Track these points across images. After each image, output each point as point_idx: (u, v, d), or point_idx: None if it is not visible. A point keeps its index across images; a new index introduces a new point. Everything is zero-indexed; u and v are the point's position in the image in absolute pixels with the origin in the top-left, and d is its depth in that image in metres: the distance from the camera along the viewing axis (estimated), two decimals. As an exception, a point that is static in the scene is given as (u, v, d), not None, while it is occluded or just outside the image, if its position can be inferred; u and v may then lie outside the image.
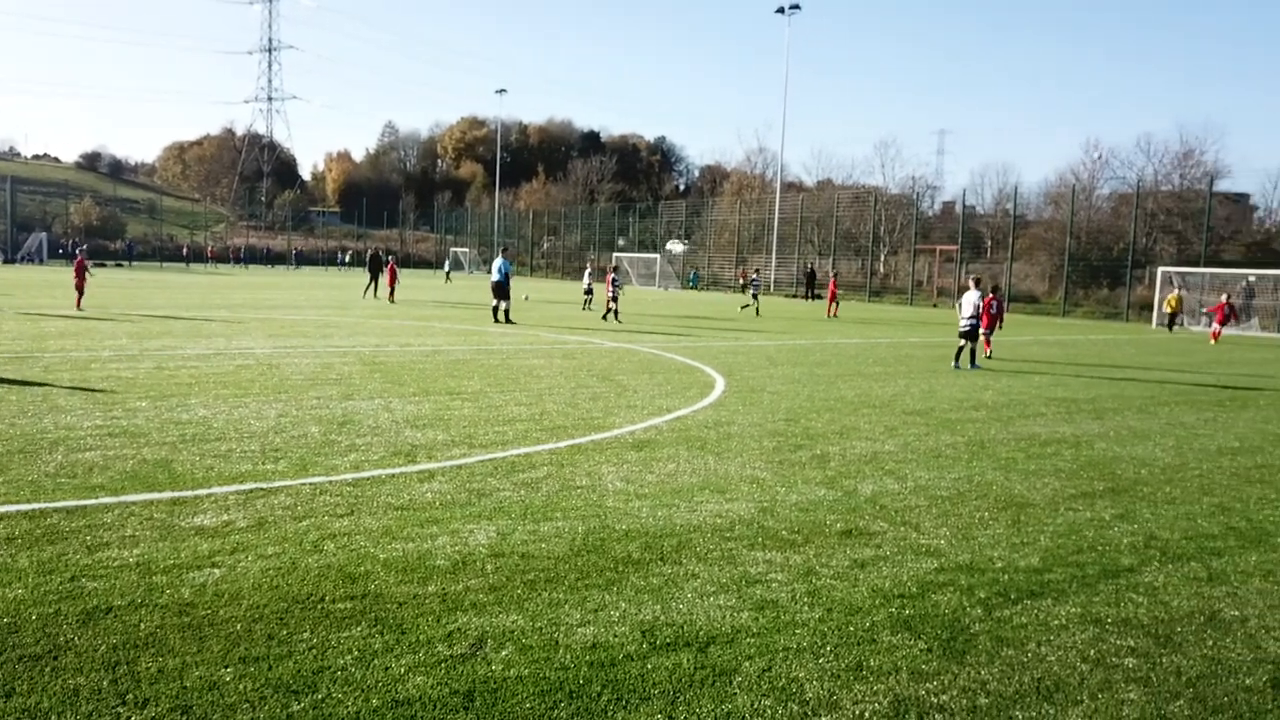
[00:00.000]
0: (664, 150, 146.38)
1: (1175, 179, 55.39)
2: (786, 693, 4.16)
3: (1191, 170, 54.70)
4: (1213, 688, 4.39)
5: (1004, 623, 5.07)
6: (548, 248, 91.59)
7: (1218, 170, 54.06)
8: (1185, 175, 54.92)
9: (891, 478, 8.40)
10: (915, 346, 23.38)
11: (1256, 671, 4.58)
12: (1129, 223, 46.85)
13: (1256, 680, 4.49)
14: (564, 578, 5.47)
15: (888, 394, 13.96)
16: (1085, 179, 58.92)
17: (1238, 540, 6.84)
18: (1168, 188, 54.61)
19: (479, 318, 27.49)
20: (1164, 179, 55.64)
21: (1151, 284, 40.71)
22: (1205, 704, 4.22)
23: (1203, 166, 54.13)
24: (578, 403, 11.93)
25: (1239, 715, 4.12)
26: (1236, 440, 11.03)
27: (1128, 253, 44.87)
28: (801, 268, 61.11)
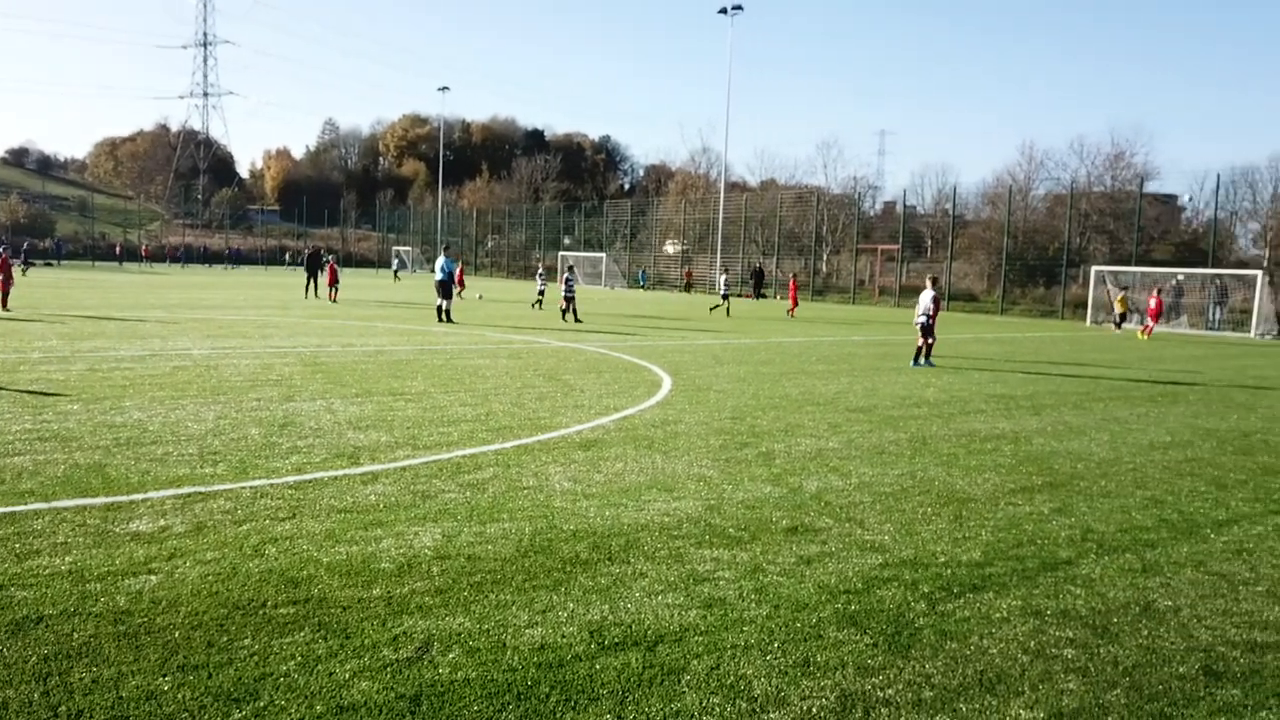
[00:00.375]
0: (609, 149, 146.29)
1: (1107, 180, 56.85)
2: (735, 690, 4.17)
3: (1123, 172, 56.21)
4: (1148, 676, 4.50)
5: (947, 616, 5.15)
6: (492, 246, 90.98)
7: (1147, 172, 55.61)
8: (1117, 176, 56.40)
9: (836, 474, 8.49)
10: (858, 345, 23.66)
11: (1189, 660, 4.71)
12: (1063, 223, 47.96)
13: (1189, 668, 4.61)
14: (511, 579, 5.43)
15: (831, 391, 14.10)
16: (1022, 180, 60.20)
17: (1170, 532, 7.03)
18: (1100, 189, 56.00)
19: (423, 317, 27.21)
20: (1096, 180, 57.07)
21: (1086, 282, 41.69)
22: (1141, 692, 4.32)
23: (1133, 168, 55.65)
24: (524, 403, 11.87)
25: (1173, 703, 4.23)
26: (1168, 435, 11.35)
27: (1063, 252, 45.91)
28: (746, 267, 61.54)
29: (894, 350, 22.10)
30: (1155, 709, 4.15)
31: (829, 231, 62.84)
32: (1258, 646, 4.90)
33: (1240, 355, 25.12)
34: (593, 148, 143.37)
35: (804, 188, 71.42)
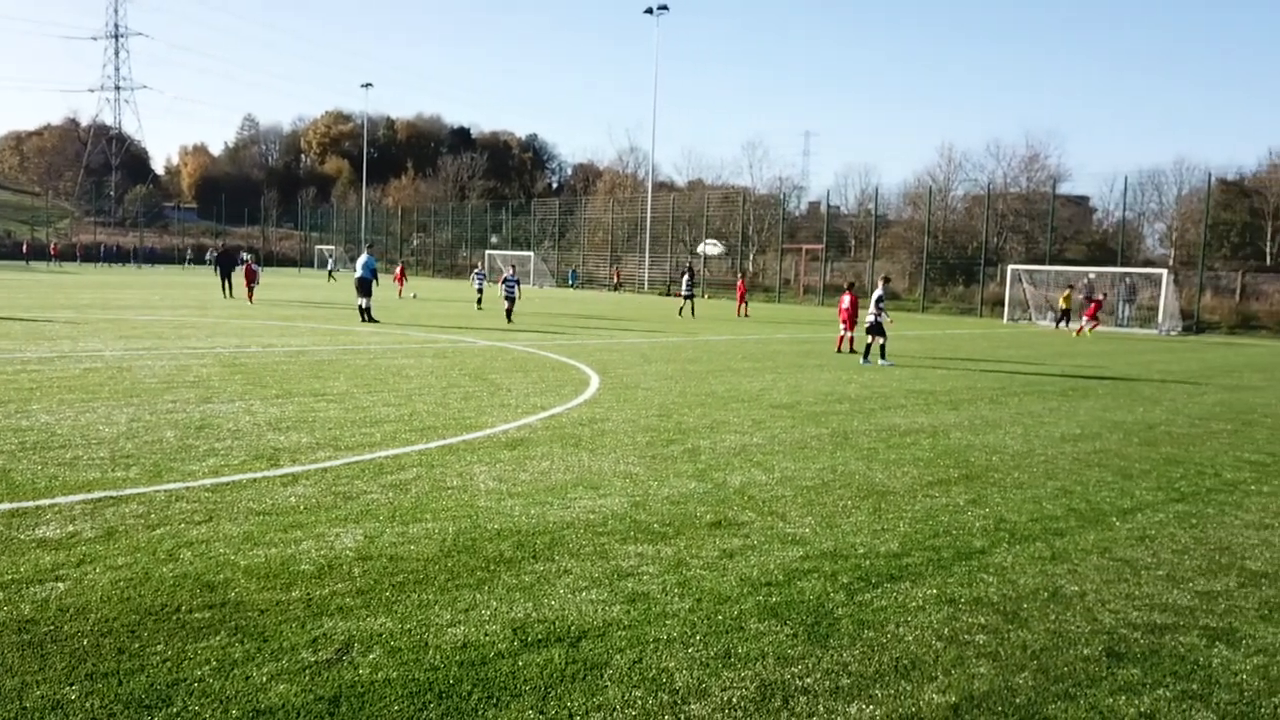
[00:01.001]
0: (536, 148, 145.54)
1: (1023, 182, 58.48)
2: (657, 683, 4.21)
3: (1037, 173, 57.91)
4: (1054, 659, 4.66)
5: (865, 606, 5.27)
6: (418, 245, 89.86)
7: (1060, 174, 57.48)
8: (1031, 178, 58.07)
9: (759, 469, 8.60)
10: (782, 343, 23.97)
11: (1093, 642, 4.89)
12: (981, 223, 49.24)
13: (1093, 650, 4.79)
14: (434, 579, 5.39)
15: (756, 388, 14.27)
16: (941, 181, 61.58)
17: (1078, 521, 7.28)
18: (1016, 190, 57.59)
19: (346, 317, 26.76)
20: (1012, 181, 58.67)
21: (1003, 281, 42.84)
22: (1048, 674, 4.48)
23: (1047, 170, 57.41)
24: (449, 402, 11.77)
25: (1077, 683, 4.40)
26: (1078, 427, 11.74)
27: (981, 251, 47.12)
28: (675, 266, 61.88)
29: (817, 348, 22.46)
30: (1060, 689, 4.31)
31: (755, 231, 63.50)
32: (1157, 628, 5.12)
33: (1147, 351, 26.09)
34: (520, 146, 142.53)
35: (730, 188, 72.08)
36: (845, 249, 64.01)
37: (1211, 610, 5.42)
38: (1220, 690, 4.38)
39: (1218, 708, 4.20)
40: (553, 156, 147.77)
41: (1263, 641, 4.98)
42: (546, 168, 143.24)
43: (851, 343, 21.15)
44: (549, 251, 72.96)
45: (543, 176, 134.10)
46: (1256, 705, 4.24)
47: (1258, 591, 5.78)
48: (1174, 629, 5.11)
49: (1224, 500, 8.14)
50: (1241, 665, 4.67)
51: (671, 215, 64.46)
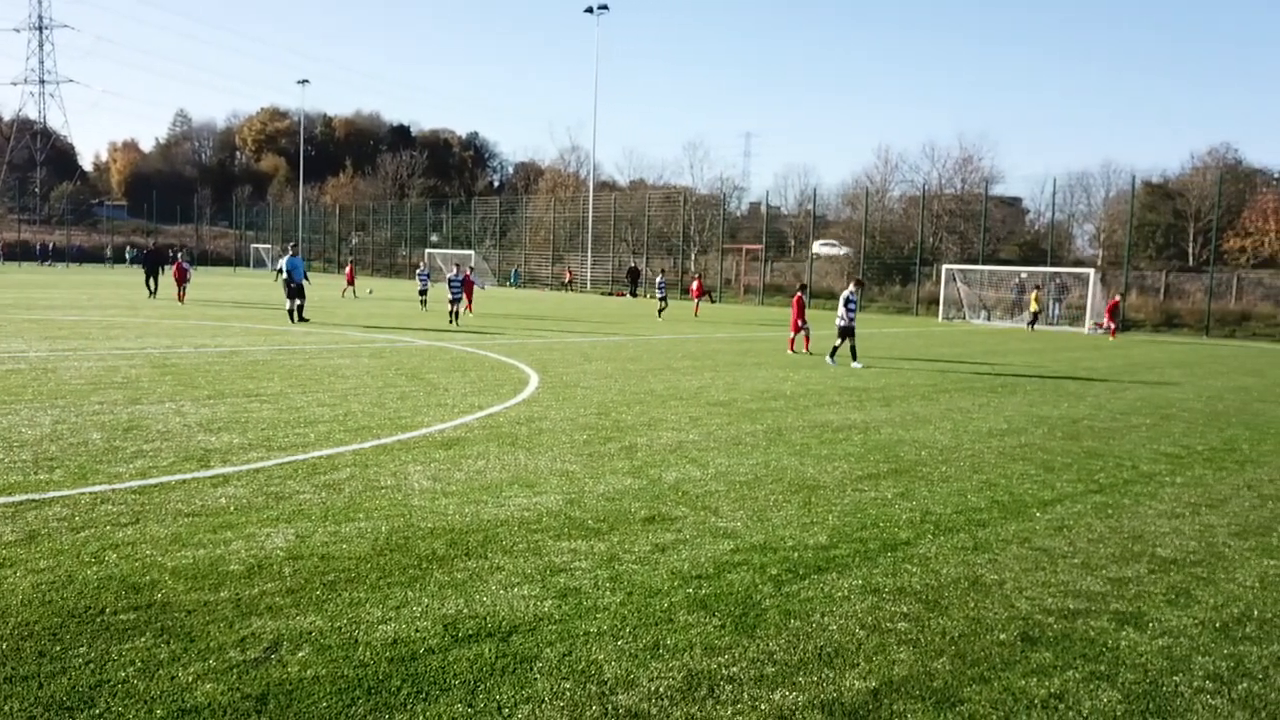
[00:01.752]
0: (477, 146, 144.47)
1: (957, 183, 59.67)
2: (586, 675, 4.28)
3: (971, 175, 59.11)
4: (972, 644, 4.83)
5: (792, 597, 5.39)
6: (356, 244, 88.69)
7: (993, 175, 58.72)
8: (966, 180, 59.27)
9: (694, 465, 8.71)
10: (722, 342, 24.19)
11: (1009, 628, 5.07)
12: (917, 223, 50.14)
13: (1009, 635, 4.97)
14: (365, 577, 5.39)
15: (694, 386, 14.41)
16: (879, 182, 62.58)
17: (1000, 512, 7.51)
18: (951, 191, 58.76)
19: (281, 317, 26.34)
20: (947, 183, 59.82)
21: (939, 280, 43.68)
22: (965, 659, 4.64)
23: (980, 172, 58.59)
24: (385, 402, 11.70)
25: (993, 667, 4.56)
26: (1005, 422, 12.07)
27: (917, 251, 47.98)
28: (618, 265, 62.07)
29: (756, 347, 22.70)
30: (976, 673, 4.47)
31: (696, 231, 63.87)
32: (1070, 613, 5.32)
33: (1075, 348, 26.83)
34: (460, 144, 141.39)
35: (672, 188, 72.41)
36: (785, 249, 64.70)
37: (1122, 595, 5.64)
38: (1126, 671, 4.57)
39: (1123, 687, 4.39)
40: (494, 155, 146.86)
41: (1168, 624, 5.20)
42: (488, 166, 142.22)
43: (807, 342, 21.22)
44: (490, 250, 72.58)
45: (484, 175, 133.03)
46: (1159, 684, 4.44)
47: (1166, 577, 6.03)
48: (1086, 614, 5.31)
49: (1140, 491, 8.46)
50: (1147, 647, 4.88)
51: (613, 215, 64.58)
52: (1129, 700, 4.25)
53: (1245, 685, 4.46)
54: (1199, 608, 5.49)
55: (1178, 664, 4.68)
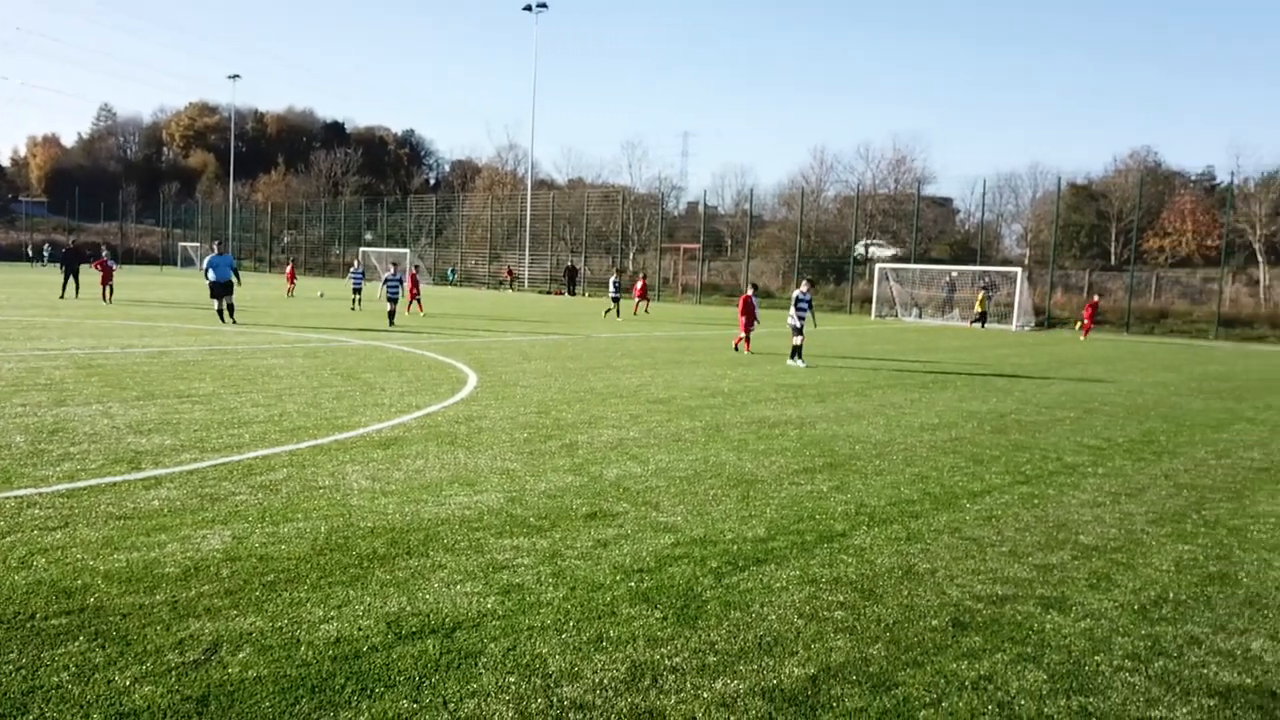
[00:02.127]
0: (412, 144, 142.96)
1: (891, 183, 60.84)
2: (530, 668, 4.32)
3: (904, 176, 60.31)
4: (906, 630, 4.98)
5: (732, 588, 5.49)
6: (289, 242, 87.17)
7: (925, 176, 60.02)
8: (899, 180, 60.44)
9: (635, 462, 8.79)
10: (660, 340, 24.33)
11: (941, 614, 5.24)
12: (852, 223, 50.95)
13: (941, 621, 5.13)
14: (306, 577, 5.36)
15: (634, 384, 14.50)
16: (814, 182, 63.50)
17: (932, 504, 7.72)
18: (884, 191, 59.87)
19: (210, 316, 25.79)
20: (881, 183, 60.98)
21: (872, 279, 44.45)
22: (899, 644, 4.78)
23: (913, 172, 59.88)
24: (320, 402, 11.57)
25: (925, 651, 4.71)
26: (936, 417, 12.37)
27: (851, 250, 48.74)
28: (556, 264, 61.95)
29: (693, 345, 22.89)
30: (910, 658, 4.61)
31: (635, 231, 64.08)
32: (998, 599, 5.51)
33: (1003, 345, 27.54)
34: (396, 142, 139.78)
35: (610, 187, 72.50)
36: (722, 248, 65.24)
37: (1047, 581, 5.86)
38: (1051, 652, 4.76)
39: (1048, 668, 4.57)
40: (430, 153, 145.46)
41: (1090, 607, 5.42)
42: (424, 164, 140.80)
43: (747, 343, 21.07)
44: (426, 249, 71.89)
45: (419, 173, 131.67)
46: (1082, 664, 4.63)
47: (1088, 563, 6.27)
48: (1013, 599, 5.51)
49: (1064, 482, 8.75)
50: (1071, 629, 5.08)
51: (552, 213, 64.45)
52: (1054, 680, 4.43)
53: (1161, 663, 4.68)
54: (1119, 591, 5.72)
55: (1099, 644, 4.88)
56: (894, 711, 4.05)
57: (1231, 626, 5.21)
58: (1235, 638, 5.05)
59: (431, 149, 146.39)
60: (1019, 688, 4.33)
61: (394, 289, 26.06)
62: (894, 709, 4.08)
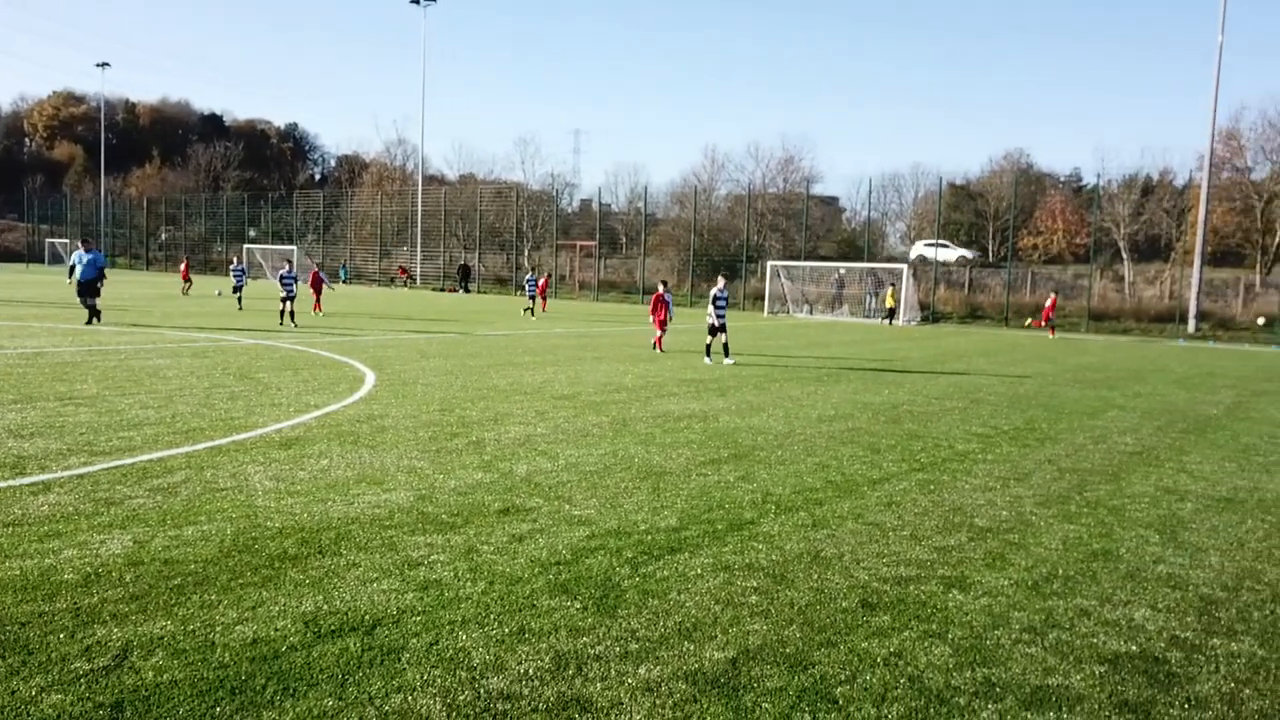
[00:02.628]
0: (296, 138, 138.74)
1: (780, 183, 62.09)
2: (455, 662, 4.33)
3: (792, 175, 61.64)
4: (818, 612, 5.16)
5: (649, 577, 5.59)
6: (167, 239, 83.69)
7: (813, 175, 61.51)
8: (788, 179, 61.71)
9: (544, 457, 8.81)
10: (560, 337, 24.32)
11: (850, 595, 5.44)
12: (743, 221, 51.81)
13: (850, 603, 5.33)
14: (215, 579, 5.22)
15: (538, 381, 14.48)
16: (706, 181, 64.30)
17: (834, 491, 7.98)
18: (774, 190, 61.05)
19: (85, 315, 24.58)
20: (771, 182, 62.16)
21: (764, 276, 45.30)
22: (813, 626, 4.95)
23: (801, 172, 61.26)
24: (214, 403, 11.21)
25: (838, 631, 4.89)
26: (833, 409, 12.75)
27: (743, 249, 49.58)
28: (449, 261, 61.19)
29: (594, 342, 22.96)
30: (823, 638, 4.79)
31: (529, 228, 63.73)
32: (903, 580, 5.75)
33: (890, 340, 28.46)
34: (278, 135, 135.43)
35: (503, 183, 71.91)
36: (618, 246, 65.46)
37: (947, 562, 6.14)
38: (955, 628, 5.00)
39: (953, 643, 4.80)
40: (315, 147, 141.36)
41: (988, 585, 5.71)
42: (309, 158, 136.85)
43: (659, 342, 20.87)
44: (313, 245, 70.01)
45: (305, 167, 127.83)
46: (983, 638, 4.88)
47: (984, 544, 6.59)
48: (917, 580, 5.76)
49: (956, 468, 9.15)
50: (972, 606, 5.34)
51: (444, 209, 63.58)
52: (958, 654, 4.66)
53: (1055, 635, 4.97)
54: (1013, 570, 6.04)
55: (998, 620, 5.15)
56: (812, 689, 4.21)
57: (1116, 599, 5.57)
58: (1120, 609, 5.40)
59: (317, 143, 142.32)
60: (927, 662, 4.55)
61: (289, 286, 25.00)
62: (812, 687, 4.23)
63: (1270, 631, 5.14)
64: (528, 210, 63.92)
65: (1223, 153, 47.30)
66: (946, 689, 4.27)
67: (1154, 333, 36.55)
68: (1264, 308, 37.49)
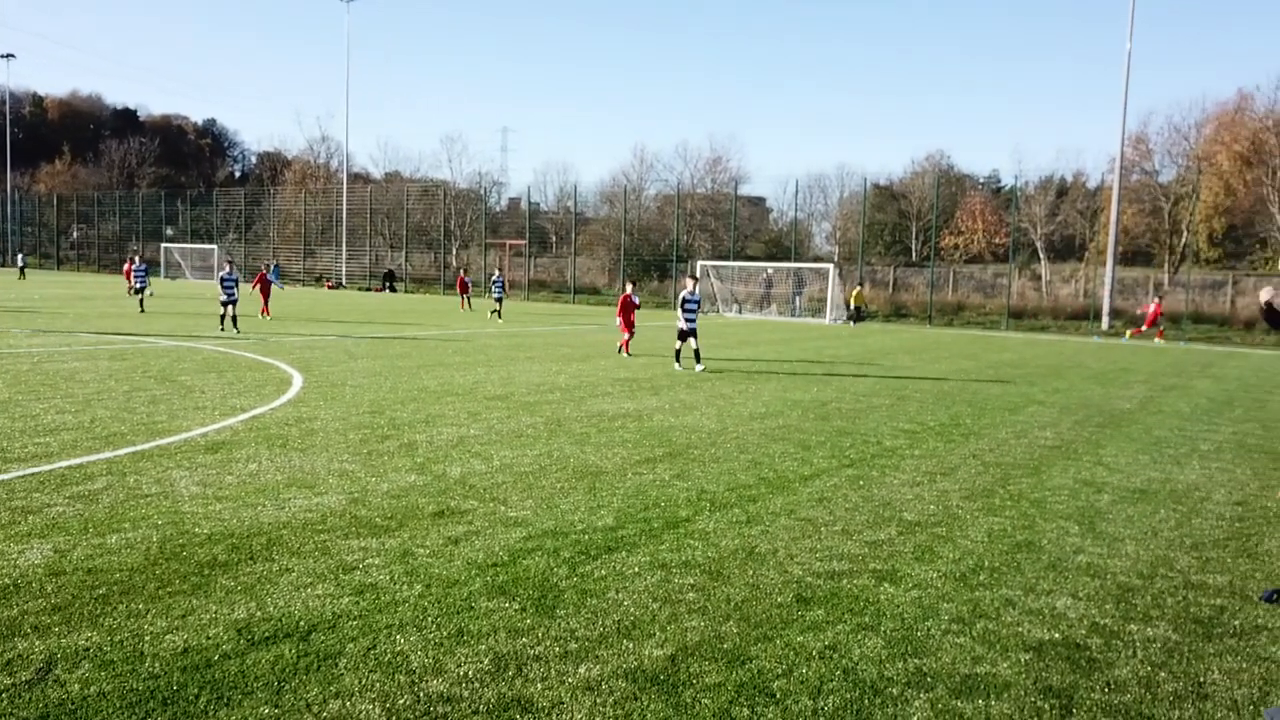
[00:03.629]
0: (215, 134, 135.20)
1: (708, 183, 62.50)
2: (393, 666, 4.29)
3: (720, 175, 62.11)
4: (754, 608, 5.23)
5: (587, 577, 5.61)
6: (78, 237, 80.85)
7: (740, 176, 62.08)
8: (716, 179, 62.18)
9: (478, 459, 8.77)
10: (491, 337, 24.16)
11: (785, 591, 5.53)
12: (672, 221, 52.06)
13: (785, 598, 5.42)
14: (142, 588, 5.09)
15: (469, 382, 14.38)
16: (635, 180, 64.40)
17: (767, 488, 8.09)
18: (702, 190, 61.44)
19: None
20: (699, 182, 62.54)
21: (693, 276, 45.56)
22: (749, 621, 5.03)
23: (729, 172, 61.73)
24: (135, 407, 10.89)
25: (774, 626, 4.97)
26: (764, 406, 12.91)
27: (673, 248, 49.83)
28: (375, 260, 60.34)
29: (526, 341, 22.87)
30: (760, 633, 4.86)
31: (457, 226, 63.13)
32: (836, 574, 5.86)
33: (817, 338, 28.89)
34: (196, 131, 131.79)
35: (430, 181, 71.07)
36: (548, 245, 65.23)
37: (878, 555, 6.28)
38: (887, 620, 5.12)
39: (885, 634, 4.92)
40: (236, 144, 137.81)
41: (918, 578, 5.86)
42: (229, 155, 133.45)
43: (626, 346, 19.96)
44: (234, 245, 68.33)
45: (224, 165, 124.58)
46: (914, 629, 5.01)
47: (913, 538, 6.75)
48: (849, 574, 5.88)
49: (885, 464, 9.35)
50: (902, 598, 5.48)
51: (369, 208, 62.62)
52: (890, 645, 4.78)
53: (983, 624, 5.12)
54: (941, 562, 6.20)
55: (928, 611, 5.29)
56: (750, 684, 4.27)
57: (1039, 588, 5.76)
58: (1043, 598, 5.59)
59: (237, 140, 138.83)
60: (860, 654, 4.66)
61: (231, 289, 22.38)
62: (750, 681, 4.30)
63: (1183, 616, 5.37)
64: (455, 209, 63.32)
65: (1132, 156, 49.04)
66: (880, 680, 4.38)
67: (1070, 330, 37.73)
68: (1172, 306, 38.97)
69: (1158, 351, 28.04)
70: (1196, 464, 9.95)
